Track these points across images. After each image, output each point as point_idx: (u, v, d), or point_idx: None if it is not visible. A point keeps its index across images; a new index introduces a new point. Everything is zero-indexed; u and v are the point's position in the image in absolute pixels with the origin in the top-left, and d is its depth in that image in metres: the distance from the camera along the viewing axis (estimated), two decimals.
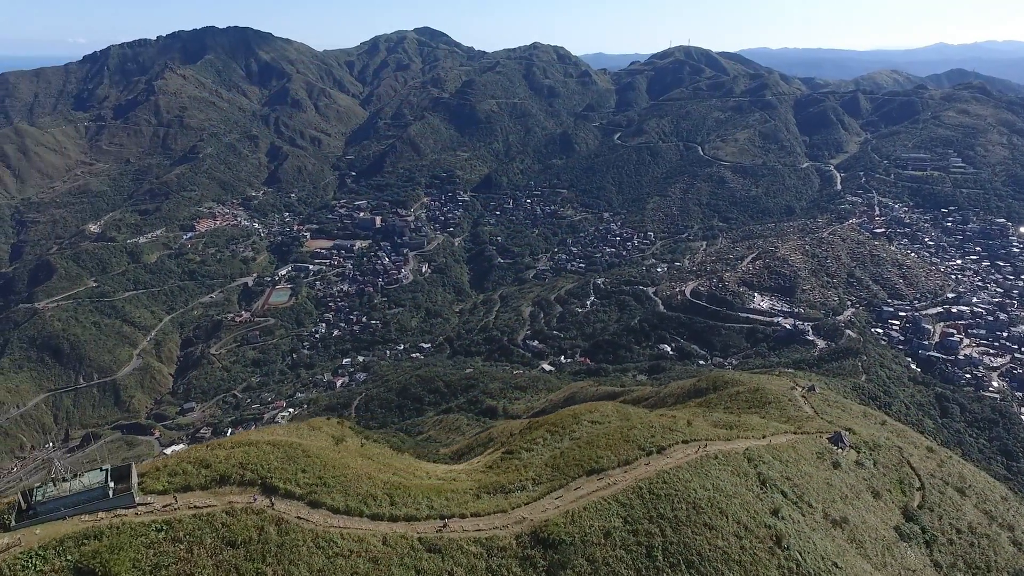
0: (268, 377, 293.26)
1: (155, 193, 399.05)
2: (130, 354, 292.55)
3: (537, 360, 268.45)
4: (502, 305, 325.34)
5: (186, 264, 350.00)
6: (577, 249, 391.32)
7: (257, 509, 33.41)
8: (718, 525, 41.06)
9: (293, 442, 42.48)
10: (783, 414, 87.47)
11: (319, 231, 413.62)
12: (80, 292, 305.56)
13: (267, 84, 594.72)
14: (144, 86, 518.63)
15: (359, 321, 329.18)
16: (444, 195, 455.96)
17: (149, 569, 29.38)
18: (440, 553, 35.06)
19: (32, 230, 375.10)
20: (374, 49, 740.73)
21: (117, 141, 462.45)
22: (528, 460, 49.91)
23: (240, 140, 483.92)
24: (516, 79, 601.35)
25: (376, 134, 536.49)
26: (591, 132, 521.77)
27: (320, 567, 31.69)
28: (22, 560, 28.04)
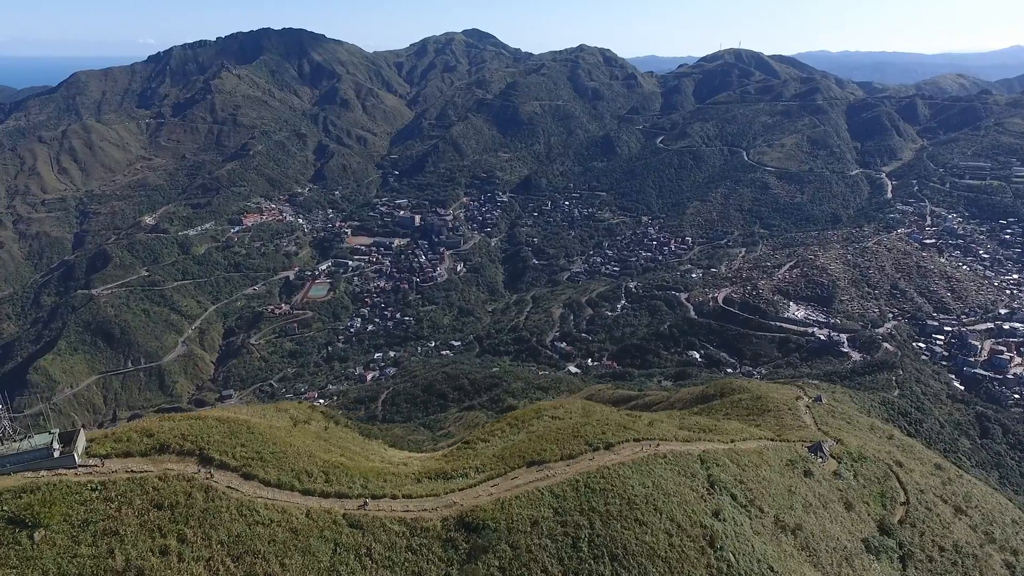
0: (303, 368, 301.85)
1: (207, 188, 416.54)
2: (176, 341, 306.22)
3: (564, 362, 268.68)
4: (533, 306, 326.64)
5: (232, 256, 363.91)
6: (613, 253, 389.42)
7: (188, 476, 35.94)
8: (650, 522, 41.40)
9: (239, 418, 45.06)
10: (778, 422, 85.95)
11: (360, 228, 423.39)
12: (133, 280, 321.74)
13: (318, 84, 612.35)
14: (202, 85, 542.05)
15: (393, 317, 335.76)
16: (483, 195, 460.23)
17: (78, 523, 32.11)
18: (361, 529, 36.75)
19: (94, 220, 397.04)
20: (423, 50, 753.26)
21: (175, 137, 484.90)
22: (480, 451, 51.23)
23: (289, 138, 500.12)
24: (560, 81, 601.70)
25: (420, 134, 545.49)
26: (633, 135, 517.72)
27: (239, 533, 33.86)
28: None
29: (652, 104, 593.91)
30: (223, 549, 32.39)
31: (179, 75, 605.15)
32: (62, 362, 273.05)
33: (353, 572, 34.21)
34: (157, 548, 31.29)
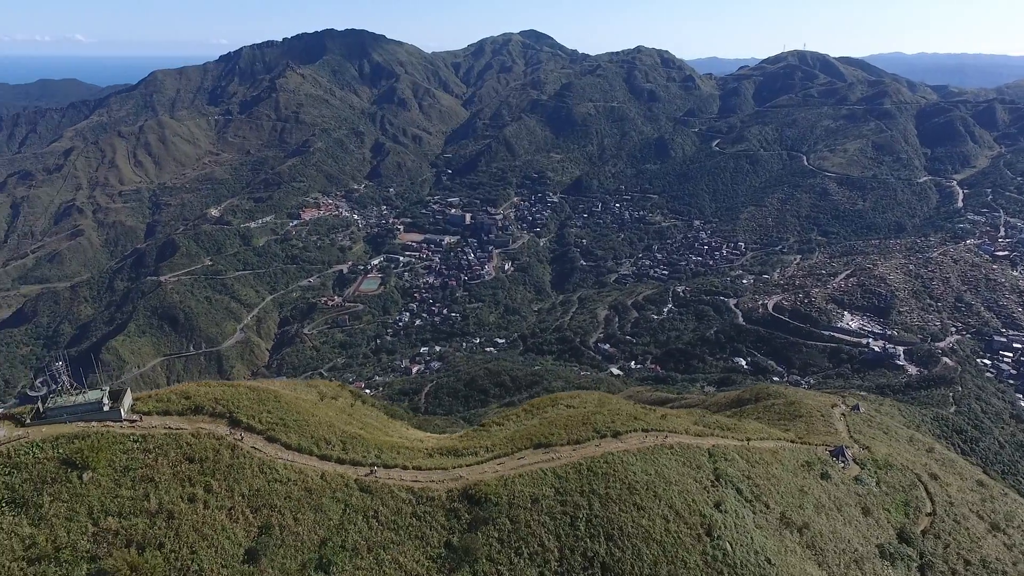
0: (352, 359, 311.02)
1: (269, 183, 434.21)
2: (234, 328, 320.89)
3: (607, 363, 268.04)
4: (579, 307, 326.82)
5: (290, 249, 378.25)
6: (662, 256, 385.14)
7: (218, 436, 39.70)
8: (648, 507, 42.72)
9: (268, 388, 48.85)
10: (808, 428, 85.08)
11: (412, 225, 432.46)
12: (197, 269, 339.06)
13: (377, 84, 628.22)
14: (267, 84, 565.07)
15: (440, 313, 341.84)
16: (534, 195, 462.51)
17: (120, 469, 36.32)
18: (371, 493, 39.68)
19: (164, 212, 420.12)
20: (480, 51, 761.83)
21: (241, 134, 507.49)
22: (494, 433, 53.54)
23: (348, 136, 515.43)
24: (616, 82, 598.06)
25: (474, 134, 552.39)
26: (689, 138, 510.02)
27: (259, 488, 37.34)
28: (25, 448, 35.88)
29: (709, 106, 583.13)
30: (244, 501, 35.88)
31: (247, 74, 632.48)
32: (131, 343, 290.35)
33: (360, 531, 37.07)
34: (186, 495, 35.09)
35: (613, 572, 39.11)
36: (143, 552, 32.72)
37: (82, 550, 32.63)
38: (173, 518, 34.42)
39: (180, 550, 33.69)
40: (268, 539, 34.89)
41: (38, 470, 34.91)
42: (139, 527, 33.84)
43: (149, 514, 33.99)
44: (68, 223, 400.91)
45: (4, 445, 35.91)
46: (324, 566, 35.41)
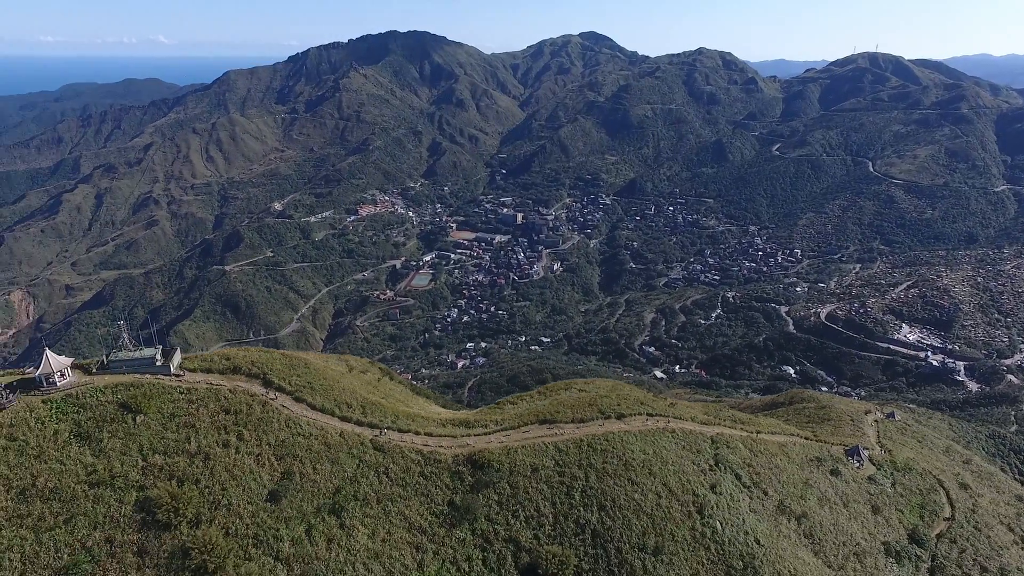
0: (401, 352, 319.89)
1: (329, 179, 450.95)
2: (291, 317, 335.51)
3: (651, 366, 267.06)
4: (626, 309, 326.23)
5: (346, 243, 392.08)
6: (714, 261, 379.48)
7: (252, 393, 44.70)
8: (642, 483, 45.17)
9: (300, 356, 53.84)
10: (836, 430, 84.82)
11: (464, 223, 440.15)
12: (259, 260, 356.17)
13: (437, 84, 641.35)
14: (332, 84, 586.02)
15: (488, 310, 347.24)
16: (586, 197, 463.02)
17: (167, 415, 41.80)
18: (383, 452, 43.80)
19: (232, 204, 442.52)
20: (539, 53, 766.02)
21: (305, 132, 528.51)
22: (506, 411, 56.94)
23: (406, 135, 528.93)
24: (675, 84, 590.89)
25: (530, 134, 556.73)
26: (748, 141, 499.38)
27: (284, 439, 42.08)
28: (90, 391, 41.78)
29: (772, 110, 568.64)
30: (270, 449, 40.63)
31: (313, 74, 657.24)
32: (196, 328, 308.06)
33: (371, 484, 41.19)
34: (221, 441, 40.13)
35: (603, 538, 41.82)
36: (182, 485, 37.92)
37: (132, 480, 38.08)
38: (209, 459, 39.51)
39: (213, 486, 38.71)
40: (289, 483, 39.51)
41: (100, 411, 40.76)
42: (180, 465, 39.10)
43: (189, 454, 39.23)
44: (145, 213, 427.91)
45: (74, 389, 42.17)
46: (336, 511, 39.77)
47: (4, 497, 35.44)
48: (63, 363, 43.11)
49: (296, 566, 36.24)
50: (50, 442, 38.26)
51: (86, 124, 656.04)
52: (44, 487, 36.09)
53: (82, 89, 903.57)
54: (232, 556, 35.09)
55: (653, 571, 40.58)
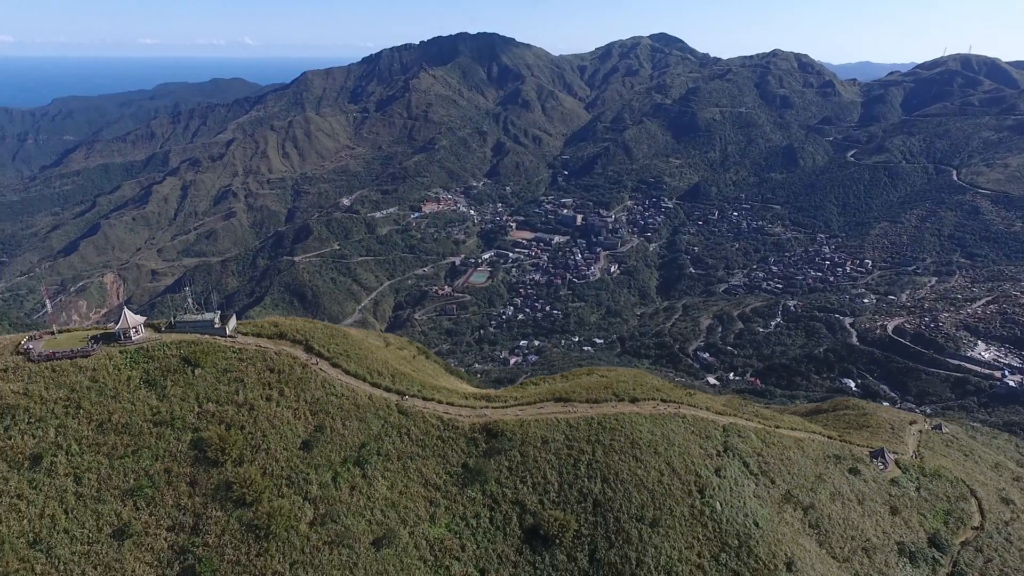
0: (456, 346, 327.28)
1: (395, 176, 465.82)
2: (354, 308, 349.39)
3: (704, 372, 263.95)
4: (683, 314, 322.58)
5: (409, 239, 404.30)
6: (778, 269, 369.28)
7: (294, 356, 50.17)
8: (646, 460, 47.68)
9: (340, 328, 59.19)
10: (873, 436, 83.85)
11: (524, 223, 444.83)
12: (326, 252, 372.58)
13: (504, 85, 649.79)
14: (402, 84, 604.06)
15: (543, 309, 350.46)
16: (648, 200, 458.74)
17: (220, 370, 47.77)
18: (407, 416, 48.23)
19: (304, 199, 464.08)
20: (607, 54, 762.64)
21: (375, 130, 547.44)
22: (529, 390, 60.47)
23: (471, 135, 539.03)
24: (746, 87, 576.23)
25: (594, 136, 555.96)
26: (821, 147, 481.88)
27: (318, 398, 47.20)
28: (158, 346, 48.28)
29: (849, 114, 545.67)
30: (306, 405, 45.81)
31: (385, 75, 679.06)
32: (264, 315, 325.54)
33: (394, 442, 45.67)
34: (264, 395, 45.61)
35: (603, 508, 44.66)
36: (229, 430, 43.57)
37: (189, 422, 44.07)
38: (253, 410, 45.02)
39: (255, 433, 44.18)
40: (320, 435, 44.56)
41: (165, 363, 47.14)
42: (229, 412, 44.81)
43: (237, 404, 44.85)
44: (224, 205, 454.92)
45: (146, 343, 48.87)
46: (360, 463, 44.45)
47: (86, 427, 42.21)
48: (138, 321, 49.98)
49: (321, 506, 41.18)
50: (124, 385, 44.81)
51: (176, 121, 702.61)
52: (117, 422, 42.56)
53: (174, 88, 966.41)
54: (267, 492, 40.41)
55: (648, 540, 43.08)
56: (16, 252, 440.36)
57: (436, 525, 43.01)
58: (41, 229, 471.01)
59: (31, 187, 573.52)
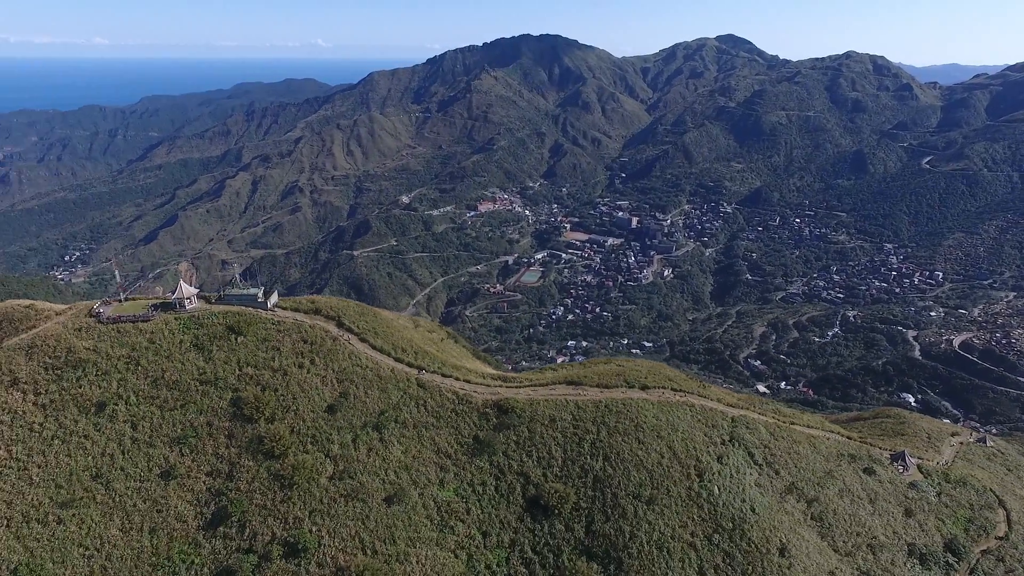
0: (505, 344, 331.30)
1: (454, 175, 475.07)
2: (408, 303, 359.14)
3: (754, 380, 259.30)
4: (736, 321, 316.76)
5: (463, 237, 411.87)
6: (839, 278, 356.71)
7: (326, 329, 54.96)
8: (648, 443, 49.81)
9: (371, 308, 63.77)
10: (907, 443, 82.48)
11: (578, 224, 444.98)
12: (384, 248, 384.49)
13: (564, 87, 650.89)
14: (464, 85, 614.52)
15: (593, 311, 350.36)
16: (706, 204, 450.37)
17: (260, 338, 53.13)
18: (425, 389, 52.12)
19: (365, 195, 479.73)
20: (671, 56, 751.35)
21: (435, 130, 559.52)
22: (546, 375, 63.38)
23: (530, 136, 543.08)
24: (815, 90, 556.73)
25: (653, 139, 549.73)
26: (894, 153, 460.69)
27: (344, 368, 51.74)
28: (208, 313, 54.08)
29: (926, 119, 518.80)
30: (332, 374, 50.37)
31: (448, 76, 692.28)
32: None
33: (411, 412, 49.64)
34: (297, 363, 50.50)
35: (603, 484, 47.11)
36: (264, 391, 48.55)
37: (230, 383, 49.39)
38: (286, 375, 49.92)
39: (286, 395, 49.05)
40: (344, 401, 48.99)
41: (213, 330, 52.84)
42: (265, 376, 49.89)
43: (272, 369, 49.86)
44: (291, 200, 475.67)
45: (197, 312, 54.80)
46: (379, 428, 48.61)
47: (143, 382, 48.14)
48: (191, 292, 56.09)
49: (340, 464, 45.50)
50: (176, 348, 50.64)
51: (250, 119, 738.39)
52: (169, 379, 48.32)
53: (250, 88, 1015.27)
54: (294, 448, 45.13)
55: (643, 517, 45.23)
56: (103, 240, 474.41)
57: (445, 489, 46.61)
58: (125, 219, 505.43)
59: (118, 179, 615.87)
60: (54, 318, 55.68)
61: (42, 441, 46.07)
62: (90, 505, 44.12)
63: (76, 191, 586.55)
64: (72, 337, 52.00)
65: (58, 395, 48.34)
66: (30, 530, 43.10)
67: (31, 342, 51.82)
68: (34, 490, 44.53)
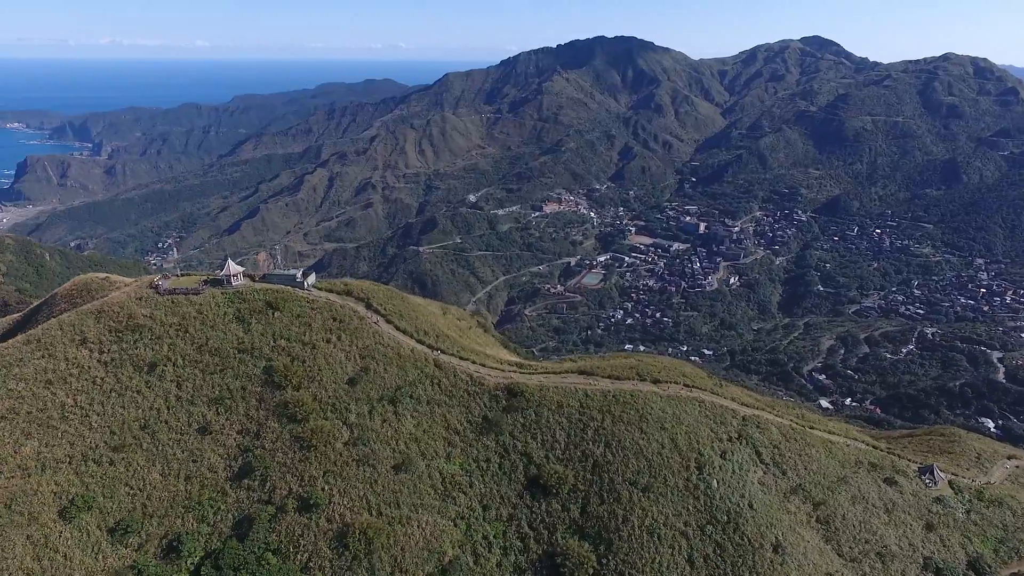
0: (562, 345, 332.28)
1: (521, 176, 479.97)
2: (469, 299, 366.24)
3: (816, 394, 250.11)
4: (803, 332, 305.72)
5: (527, 237, 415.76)
6: (921, 293, 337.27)
7: (355, 310, 59.26)
8: (651, 433, 50.99)
9: (399, 292, 67.67)
10: (952, 461, 79.20)
11: (644, 228, 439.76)
12: (448, 245, 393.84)
13: (638, 89, 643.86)
14: (535, 87, 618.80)
15: (653, 315, 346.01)
16: (779, 212, 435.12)
17: (295, 314, 58.17)
18: (441, 369, 55.35)
19: (434, 194, 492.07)
20: (751, 59, 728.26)
21: (505, 131, 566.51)
22: (565, 364, 65.33)
23: (599, 138, 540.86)
24: (906, 95, 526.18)
25: (727, 143, 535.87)
26: (992, 161, 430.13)
27: (368, 344, 55.78)
28: (251, 290, 59.52)
29: None
30: (356, 350, 54.46)
31: (521, 77, 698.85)
32: None
33: (425, 389, 53.00)
34: (325, 338, 54.92)
35: (601, 469, 48.78)
36: (293, 363, 53.17)
37: (264, 353, 54.38)
38: (315, 348, 54.44)
39: (313, 366, 53.51)
40: (364, 375, 52.91)
41: (253, 305, 58.19)
42: (295, 348, 54.56)
43: (302, 343, 54.49)
44: (364, 196, 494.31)
45: (242, 288, 60.39)
46: (394, 402, 52.24)
47: (189, 347, 53.86)
48: (238, 270, 61.87)
49: (356, 431, 49.32)
50: (220, 319, 56.14)
51: (330, 117, 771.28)
52: (211, 346, 53.76)
53: (332, 88, 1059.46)
54: (314, 414, 49.39)
55: (637, 503, 46.54)
56: (192, 229, 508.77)
57: (451, 463, 49.63)
58: (213, 210, 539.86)
59: (208, 173, 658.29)
60: (123, 288, 62.95)
61: (102, 393, 52.98)
62: (137, 451, 50.35)
63: (172, 183, 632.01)
64: (133, 305, 58.91)
65: (118, 354, 55.12)
66: (87, 468, 49.86)
67: (100, 308, 59.12)
68: (92, 434, 51.28)
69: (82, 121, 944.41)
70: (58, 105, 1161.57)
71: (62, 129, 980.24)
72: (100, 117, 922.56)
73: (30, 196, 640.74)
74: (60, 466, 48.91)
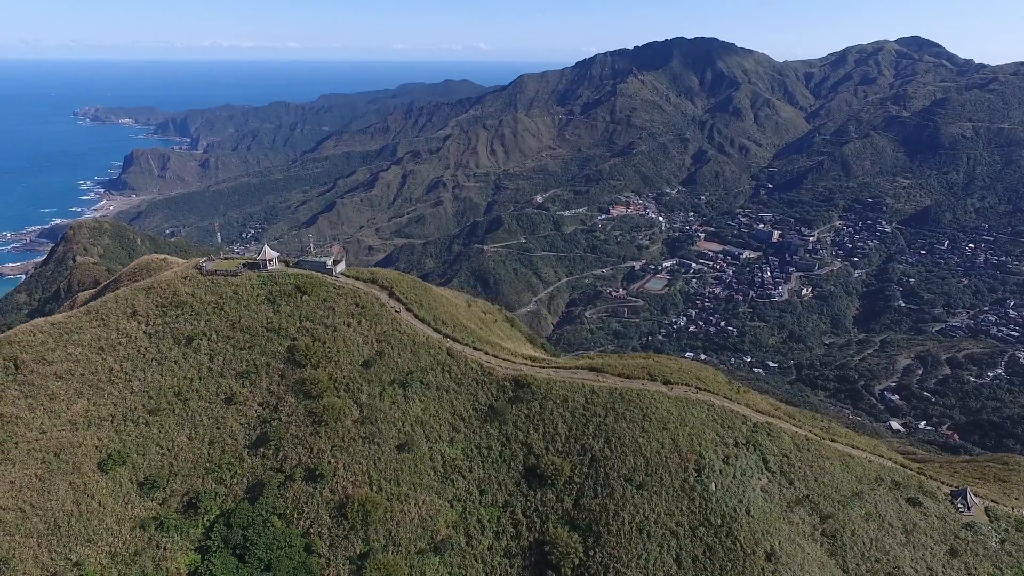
0: (621, 349, 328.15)
1: (589, 178, 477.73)
2: (530, 299, 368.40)
3: (887, 415, 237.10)
4: (878, 349, 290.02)
5: (592, 240, 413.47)
6: (1016, 314, 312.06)
7: (377, 296, 62.19)
8: (652, 432, 50.89)
9: (423, 282, 70.15)
10: (1003, 490, 74.18)
11: (714, 234, 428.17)
12: (513, 244, 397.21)
13: (716, 92, 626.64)
14: (609, 88, 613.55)
15: (717, 324, 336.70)
16: (861, 222, 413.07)
17: (323, 298, 61.89)
18: (453, 357, 57.29)
19: (502, 193, 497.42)
20: (840, 61, 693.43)
21: (576, 132, 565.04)
22: (578, 361, 65.84)
23: (672, 141, 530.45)
24: (1014, 99, 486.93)
25: (809, 149, 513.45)
26: None
27: (386, 330, 58.52)
28: (283, 274, 63.65)
29: None
30: (374, 335, 57.27)
31: (595, 79, 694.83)
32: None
33: (435, 375, 55.13)
34: (346, 322, 58.18)
35: (598, 463, 49.17)
36: (314, 343, 56.54)
37: (290, 333, 58.16)
38: (336, 330, 57.69)
39: (332, 348, 56.74)
40: (378, 358, 55.59)
41: (284, 288, 62.27)
42: (319, 330, 58.03)
43: (325, 325, 57.89)
44: (434, 194, 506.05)
45: (275, 272, 64.73)
46: (404, 385, 54.61)
47: (223, 324, 58.35)
48: (273, 255, 66.29)
49: (365, 411, 51.97)
50: (253, 299, 60.44)
51: (408, 117, 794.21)
52: (243, 324, 58.03)
53: (412, 88, 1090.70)
54: (329, 392, 52.44)
55: (630, 499, 46.62)
56: (274, 221, 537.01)
57: (453, 447, 51.41)
58: (293, 203, 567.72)
59: (292, 168, 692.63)
60: (174, 268, 69.01)
61: (144, 361, 58.63)
62: (169, 415, 55.44)
63: (258, 177, 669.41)
64: (179, 283, 64.60)
65: (161, 327, 60.72)
66: (125, 427, 55.36)
67: (151, 285, 65.30)
68: (133, 397, 56.85)
69: (183, 117, 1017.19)
70: (163, 102, 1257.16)
71: (165, 125, 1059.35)
72: (198, 114, 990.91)
73: (134, 186, 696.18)
74: (103, 424, 54.72)
